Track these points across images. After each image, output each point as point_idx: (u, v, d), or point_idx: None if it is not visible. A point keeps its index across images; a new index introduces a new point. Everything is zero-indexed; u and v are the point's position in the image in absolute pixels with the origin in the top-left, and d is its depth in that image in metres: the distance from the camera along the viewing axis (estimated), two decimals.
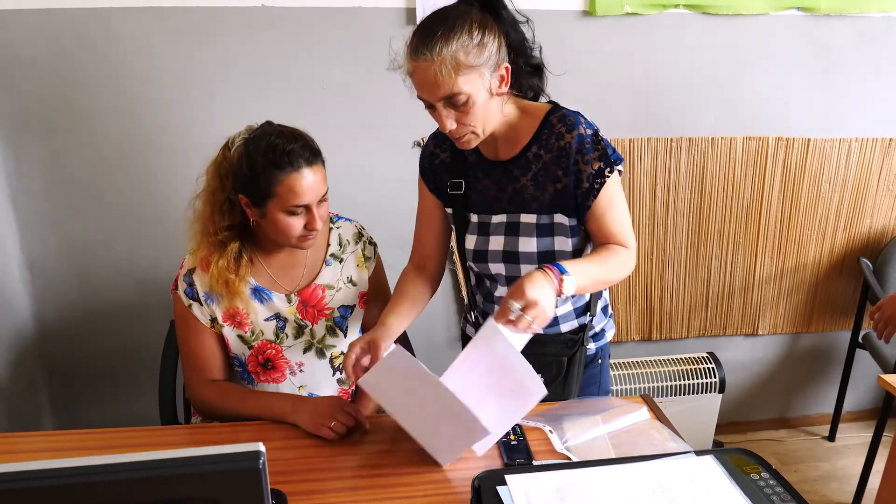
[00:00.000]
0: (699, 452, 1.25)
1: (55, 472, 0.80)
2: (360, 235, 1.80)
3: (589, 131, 1.52)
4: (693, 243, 2.72)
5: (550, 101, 1.61)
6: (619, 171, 1.55)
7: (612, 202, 1.54)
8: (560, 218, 1.56)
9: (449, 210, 1.71)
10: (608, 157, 1.51)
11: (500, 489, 1.13)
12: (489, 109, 1.47)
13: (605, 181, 1.51)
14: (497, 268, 1.65)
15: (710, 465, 1.20)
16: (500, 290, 1.69)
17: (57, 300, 2.44)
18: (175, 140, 2.33)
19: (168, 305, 2.42)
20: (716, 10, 2.41)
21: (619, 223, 1.56)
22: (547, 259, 1.59)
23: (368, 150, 2.37)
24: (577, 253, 1.62)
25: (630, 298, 2.77)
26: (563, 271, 1.39)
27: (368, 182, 2.42)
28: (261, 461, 0.79)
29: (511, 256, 1.62)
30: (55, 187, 2.32)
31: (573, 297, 1.57)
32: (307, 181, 1.52)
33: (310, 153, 1.53)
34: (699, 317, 2.85)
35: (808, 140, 2.63)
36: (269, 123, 1.59)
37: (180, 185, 2.35)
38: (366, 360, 1.49)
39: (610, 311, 1.82)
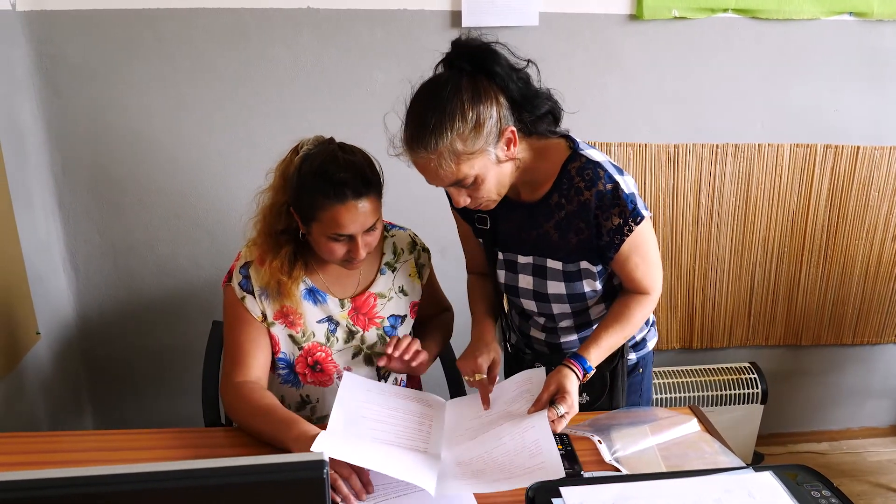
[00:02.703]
0: (757, 468, 1.22)
1: (113, 478, 0.80)
2: (413, 244, 1.78)
3: (608, 186, 1.45)
4: (736, 251, 2.67)
5: (568, 139, 1.53)
6: (649, 218, 1.51)
7: (636, 250, 1.51)
8: (586, 265, 1.55)
9: (479, 239, 1.71)
10: (628, 214, 1.46)
11: (554, 501, 1.11)
12: (501, 176, 1.44)
13: (624, 238, 1.48)
14: (528, 304, 1.67)
15: (770, 482, 1.17)
16: (534, 320, 1.72)
17: (100, 299, 2.46)
18: (218, 142, 2.34)
19: (209, 306, 2.45)
20: (765, 15, 2.36)
21: (641, 270, 1.54)
22: (577, 300, 1.61)
23: None
24: (607, 290, 1.62)
25: (671, 306, 2.73)
26: (587, 370, 1.50)
27: (409, 186, 2.39)
28: (325, 471, 0.78)
29: (541, 296, 1.63)
30: (100, 187, 2.34)
31: None
32: (352, 214, 1.47)
33: (361, 183, 1.47)
34: (741, 326, 2.80)
35: (858, 148, 2.57)
36: (330, 142, 1.55)
37: (222, 187, 2.37)
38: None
39: (652, 318, 1.79)
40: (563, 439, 1.48)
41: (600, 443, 1.48)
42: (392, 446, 1.41)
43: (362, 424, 1.45)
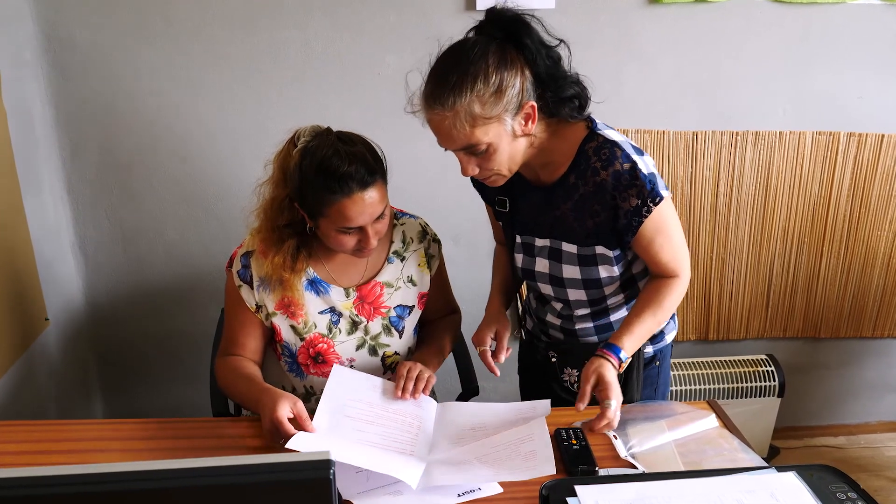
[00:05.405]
0: (780, 467, 1.18)
1: (117, 476, 0.79)
2: (424, 233, 1.74)
3: (626, 166, 1.42)
4: (755, 241, 2.62)
5: (586, 120, 1.50)
6: (669, 198, 1.47)
7: (659, 231, 1.48)
8: (601, 249, 1.51)
9: (499, 223, 1.68)
10: (646, 194, 1.42)
11: (569, 500, 1.07)
12: (514, 150, 1.41)
13: (642, 220, 1.44)
14: (545, 288, 1.64)
15: (794, 482, 1.14)
16: (551, 305, 1.69)
17: (109, 284, 2.45)
18: (228, 127, 2.31)
19: (218, 292, 2.41)
20: None
21: (666, 251, 1.51)
22: (593, 286, 1.58)
23: (423, 140, 2.31)
24: (625, 279, 1.59)
25: (687, 297, 2.64)
26: (622, 360, 1.47)
27: (422, 172, 2.37)
28: (331, 471, 0.75)
29: (557, 280, 1.60)
30: (109, 172, 2.32)
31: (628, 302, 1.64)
32: (359, 206, 1.45)
33: (366, 173, 1.45)
34: (759, 317, 2.75)
35: (882, 136, 2.50)
36: (328, 132, 1.51)
37: (232, 172, 2.35)
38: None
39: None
40: (577, 434, 1.44)
41: (616, 438, 1.45)
42: (376, 448, 1.39)
43: (346, 425, 1.43)
